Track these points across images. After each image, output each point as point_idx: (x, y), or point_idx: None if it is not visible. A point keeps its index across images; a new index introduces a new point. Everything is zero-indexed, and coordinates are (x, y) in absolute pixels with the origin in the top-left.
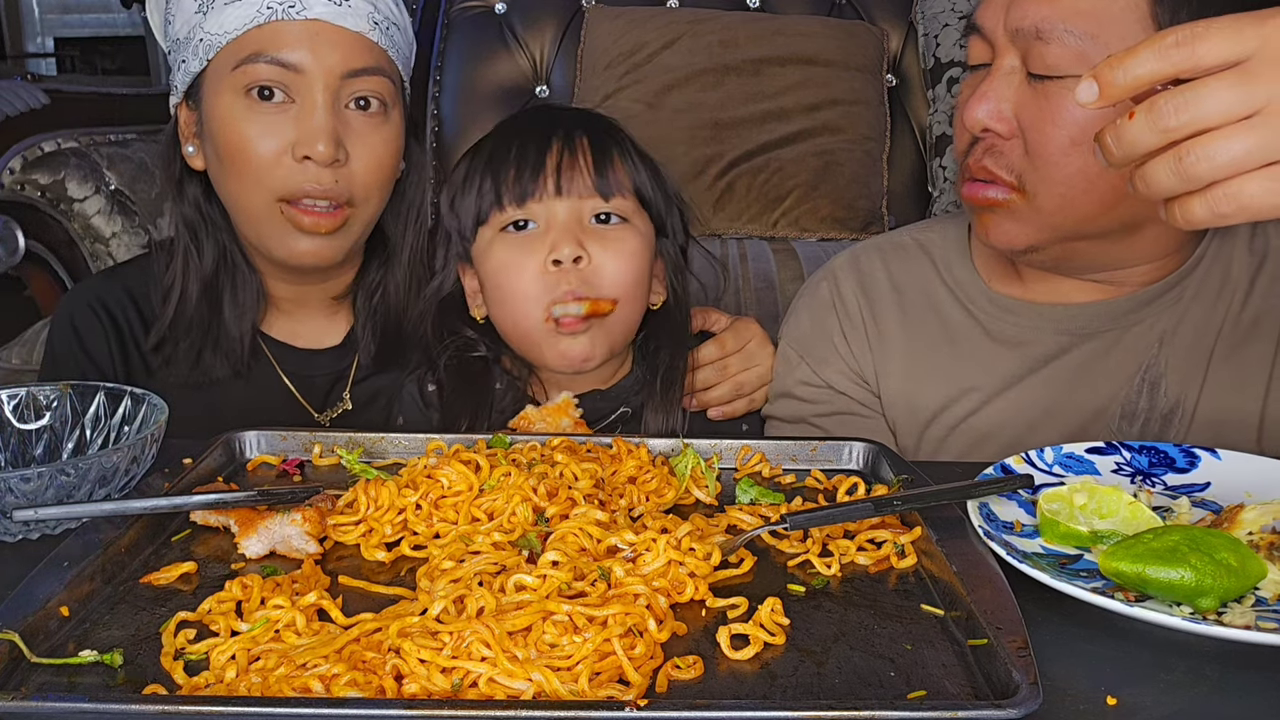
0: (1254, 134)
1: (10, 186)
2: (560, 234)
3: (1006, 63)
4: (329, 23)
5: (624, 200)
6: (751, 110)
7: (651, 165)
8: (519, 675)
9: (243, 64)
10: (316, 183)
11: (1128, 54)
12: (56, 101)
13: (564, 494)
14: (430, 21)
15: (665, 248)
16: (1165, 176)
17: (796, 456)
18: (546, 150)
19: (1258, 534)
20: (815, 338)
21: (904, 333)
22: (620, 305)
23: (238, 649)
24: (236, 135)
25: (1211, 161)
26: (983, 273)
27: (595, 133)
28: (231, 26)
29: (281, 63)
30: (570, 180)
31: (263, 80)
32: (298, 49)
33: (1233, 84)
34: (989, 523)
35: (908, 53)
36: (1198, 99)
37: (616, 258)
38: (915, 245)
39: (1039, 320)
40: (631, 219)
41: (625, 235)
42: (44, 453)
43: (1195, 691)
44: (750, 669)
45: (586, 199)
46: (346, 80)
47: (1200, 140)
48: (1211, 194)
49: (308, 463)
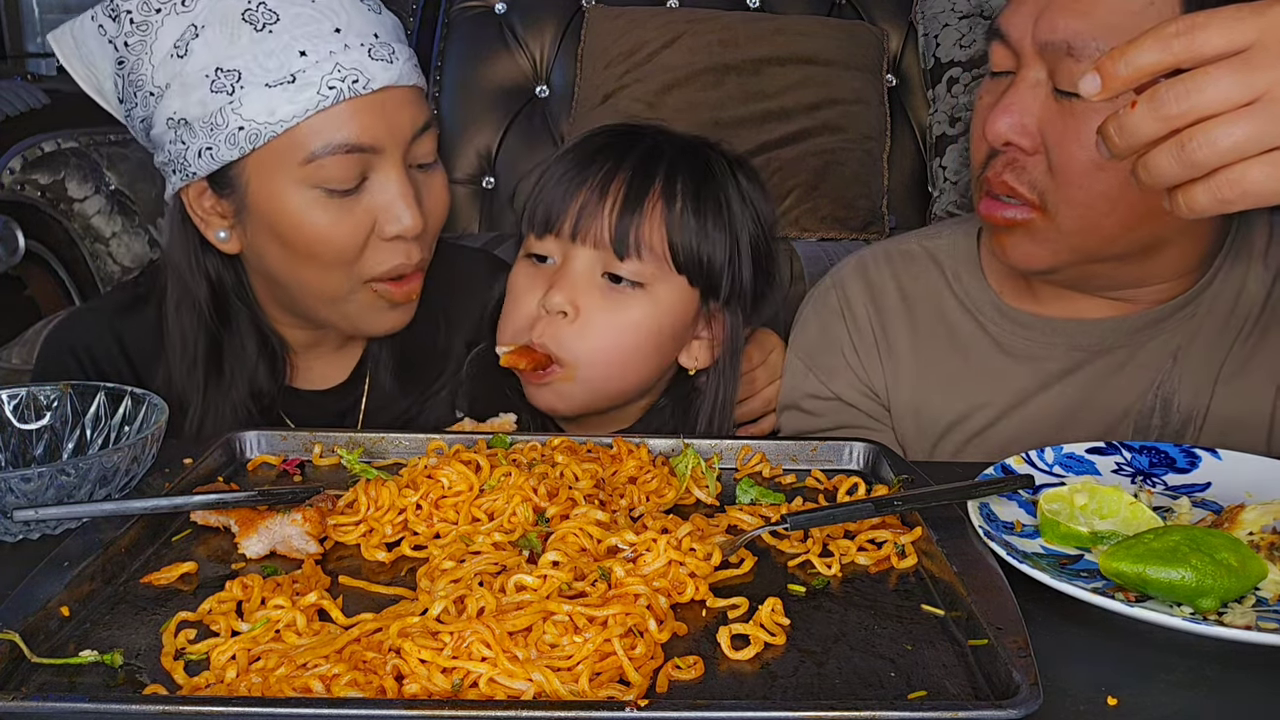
0: (1255, 119)
1: (10, 186)
2: (561, 282)
3: (1032, 74)
4: (393, 87)
5: (642, 264)
6: (751, 110)
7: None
8: (519, 675)
9: (313, 160)
10: (407, 258)
11: (1130, 45)
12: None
13: (564, 494)
14: (430, 21)
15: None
16: (1168, 163)
17: (797, 457)
18: (582, 183)
19: (1258, 534)
20: (823, 348)
21: (913, 344)
22: (590, 369)
23: (238, 649)
24: (314, 230)
25: (1214, 147)
26: (994, 285)
27: (649, 171)
28: (287, 114)
29: (359, 149)
30: (589, 226)
31: (340, 174)
32: (371, 128)
33: (1233, 71)
34: (989, 523)
35: (908, 53)
36: (1199, 86)
37: (607, 324)
38: (924, 253)
39: (1053, 336)
40: (652, 284)
41: (631, 303)
42: (44, 453)
43: (1195, 692)
44: (750, 669)
45: (601, 251)
46: (412, 142)
47: (1202, 126)
48: (1214, 180)
49: (308, 463)
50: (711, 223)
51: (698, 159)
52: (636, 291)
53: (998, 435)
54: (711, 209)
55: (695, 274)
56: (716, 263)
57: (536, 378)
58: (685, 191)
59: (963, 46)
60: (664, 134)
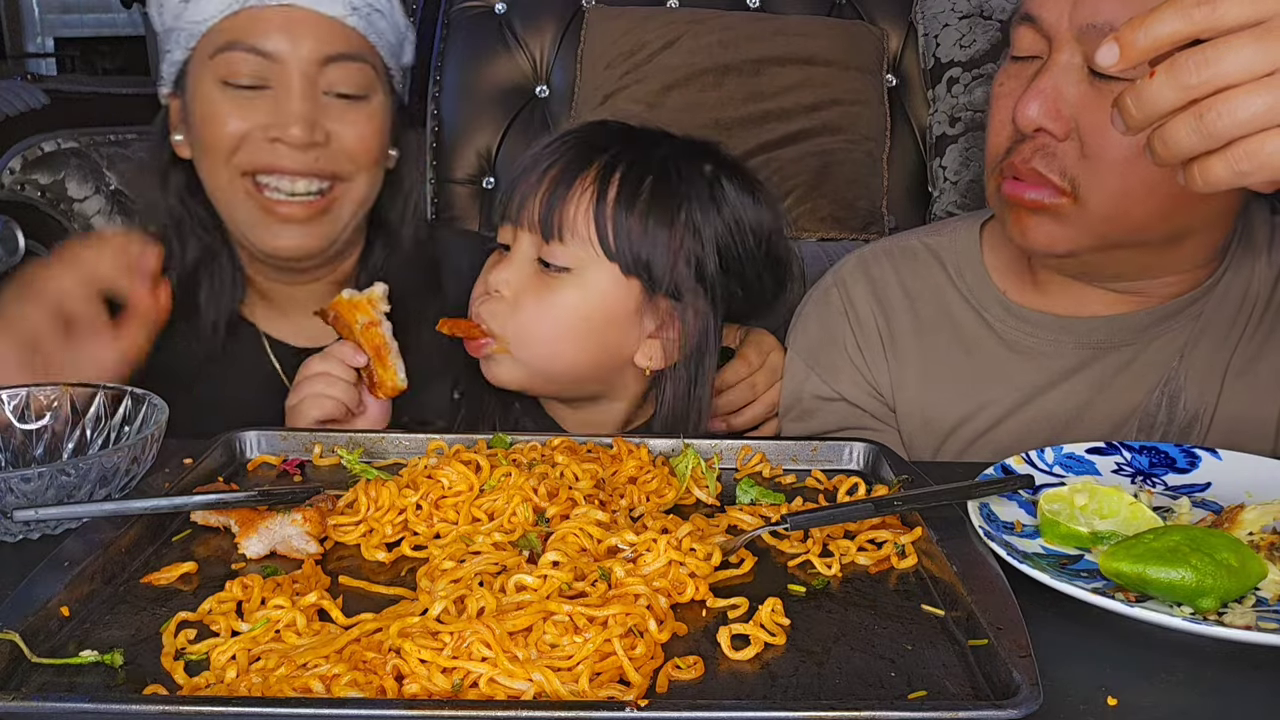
0: (1274, 91)
1: (10, 186)
2: (505, 264)
3: (1064, 58)
4: (304, 8)
5: (565, 247)
6: (751, 110)
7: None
8: (519, 675)
9: (219, 52)
10: (290, 162)
11: (1149, 15)
12: (56, 101)
13: (564, 494)
14: (430, 21)
15: (683, 312)
16: (1186, 135)
17: (797, 457)
18: (529, 173)
19: (1258, 534)
20: (826, 347)
21: (918, 342)
22: (524, 349)
23: (238, 649)
24: (210, 117)
25: (1233, 117)
26: (998, 281)
27: (587, 161)
28: (209, 13)
29: (257, 50)
30: (524, 212)
31: (238, 70)
32: (273, 36)
33: (1255, 40)
34: (989, 523)
35: (908, 53)
36: (1219, 56)
37: (536, 305)
38: (925, 250)
39: (1059, 333)
40: (580, 270)
41: (559, 288)
42: (44, 453)
43: (1195, 692)
44: (751, 669)
45: (535, 235)
46: (325, 67)
47: (1221, 97)
48: (1232, 152)
49: (308, 463)
50: (654, 218)
51: (655, 157)
52: (565, 276)
53: (1004, 434)
54: (656, 204)
55: (627, 263)
56: (656, 257)
57: (473, 349)
58: (623, 181)
59: (963, 46)
60: (627, 131)
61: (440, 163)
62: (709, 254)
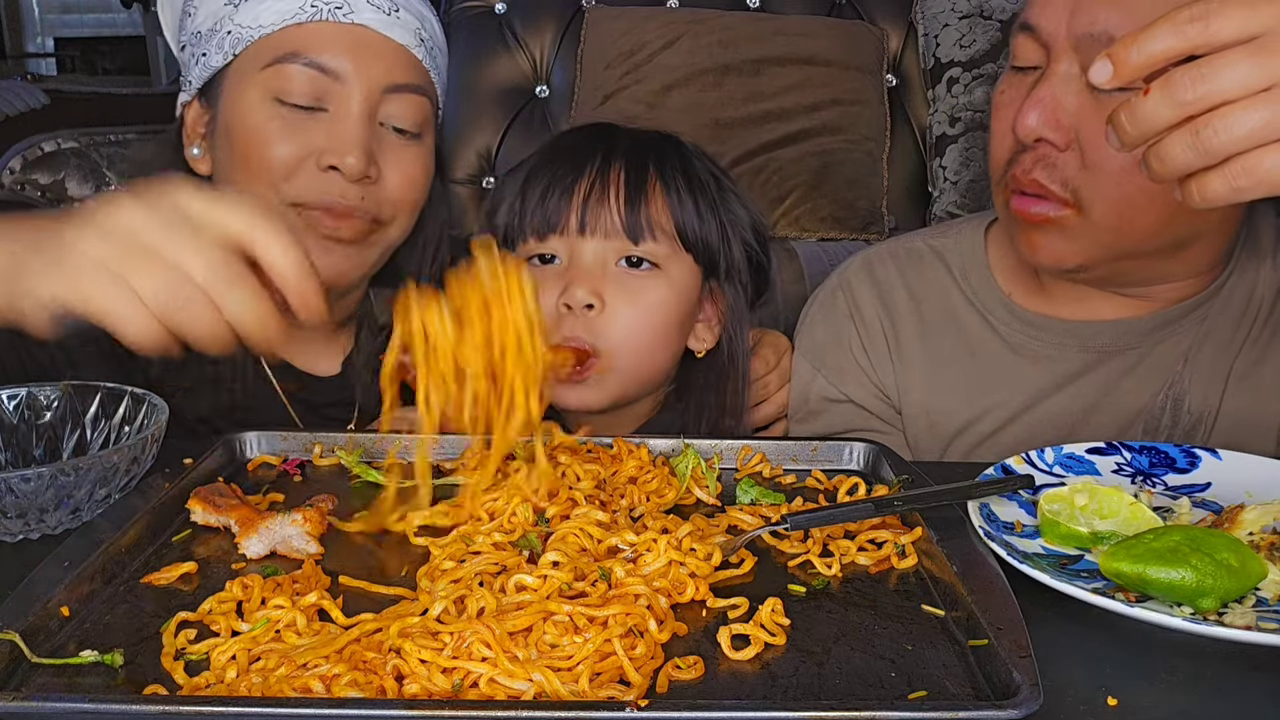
0: (1271, 106)
1: (10, 186)
2: (578, 276)
3: (1064, 68)
4: (376, 31)
5: (657, 244)
6: (751, 110)
7: (714, 199)
8: (520, 675)
9: (275, 63)
10: (341, 197)
11: (1143, 31)
12: (56, 101)
13: (564, 494)
14: None
15: (726, 291)
16: (1182, 151)
17: (797, 457)
18: (578, 179)
19: (1258, 534)
20: (831, 349)
21: (924, 344)
22: (624, 358)
23: (238, 649)
24: (256, 135)
25: (1229, 133)
26: (1004, 285)
27: (639, 161)
28: (267, 21)
29: (320, 67)
30: (597, 218)
31: (295, 86)
32: (339, 54)
33: (1250, 56)
34: (989, 523)
35: (908, 53)
36: (1214, 72)
37: (633, 309)
38: (930, 252)
39: (1065, 337)
40: (666, 264)
41: (650, 285)
42: (44, 453)
43: (1195, 692)
44: (751, 669)
45: (613, 239)
46: (387, 95)
47: (1217, 113)
48: (1229, 168)
49: (308, 463)
50: (704, 204)
51: (671, 148)
52: (654, 273)
53: (1010, 437)
54: (699, 190)
55: (699, 252)
56: (714, 240)
57: (578, 374)
58: (676, 174)
59: (963, 46)
60: (630, 131)
61: (440, 163)
62: (733, 232)
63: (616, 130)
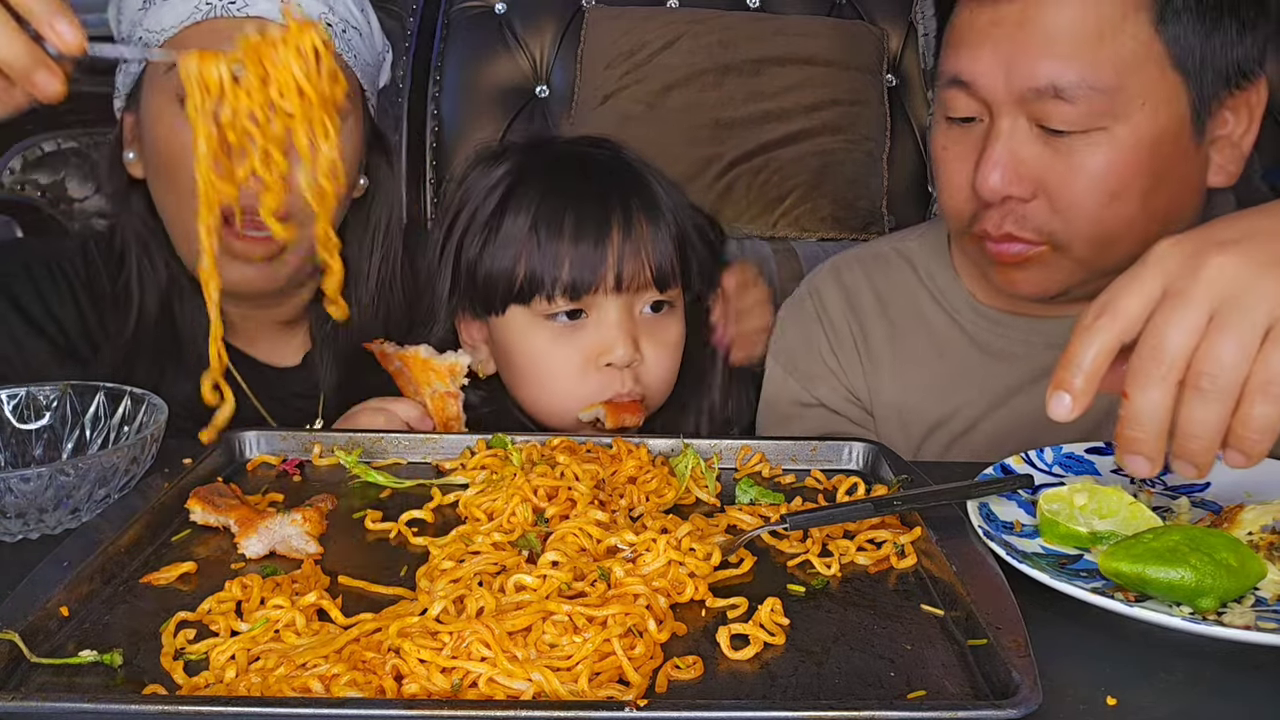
0: (1235, 319)
1: (10, 186)
2: (615, 334)
3: (1008, 123)
4: (273, 20)
5: (675, 286)
6: (751, 110)
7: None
8: (519, 675)
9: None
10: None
11: (1068, 354)
12: None
13: (564, 494)
14: (430, 21)
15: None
16: (1202, 411)
17: (796, 456)
18: (605, 236)
19: (1257, 534)
20: (802, 353)
21: (892, 345)
22: (658, 394)
23: (238, 649)
24: (169, 144)
25: (1222, 367)
26: (968, 283)
27: (636, 202)
28: (167, 23)
29: None
30: (632, 275)
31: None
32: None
33: (1179, 306)
34: (989, 523)
35: (908, 53)
36: (1163, 337)
37: (661, 350)
38: (896, 255)
39: (1029, 334)
40: (675, 301)
41: (670, 324)
42: (44, 453)
43: (1195, 691)
44: (750, 669)
45: (644, 291)
46: None
47: (1200, 359)
48: (1258, 393)
49: (307, 463)
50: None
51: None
52: (671, 312)
53: (981, 435)
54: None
55: (691, 279)
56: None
57: (636, 423)
58: (654, 199)
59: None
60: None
61: (440, 163)
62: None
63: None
